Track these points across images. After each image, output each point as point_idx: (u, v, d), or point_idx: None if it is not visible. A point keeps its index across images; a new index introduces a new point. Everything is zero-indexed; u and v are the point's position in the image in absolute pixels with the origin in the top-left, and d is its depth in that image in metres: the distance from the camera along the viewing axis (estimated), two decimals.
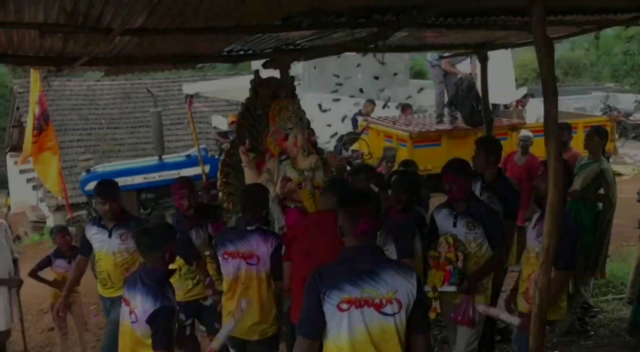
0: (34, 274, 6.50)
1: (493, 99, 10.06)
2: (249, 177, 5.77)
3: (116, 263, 5.21)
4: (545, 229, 3.38)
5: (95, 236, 5.27)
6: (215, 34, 4.82)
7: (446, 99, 10.37)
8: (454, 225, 4.61)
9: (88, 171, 10.26)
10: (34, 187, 17.53)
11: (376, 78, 6.77)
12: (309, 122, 6.23)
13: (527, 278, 4.32)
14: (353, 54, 13.72)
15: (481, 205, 4.75)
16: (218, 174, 6.25)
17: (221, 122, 12.47)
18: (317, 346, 3.00)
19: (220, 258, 4.62)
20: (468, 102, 9.41)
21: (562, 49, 31.95)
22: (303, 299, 3.06)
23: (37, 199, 17.34)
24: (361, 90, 11.84)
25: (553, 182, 3.32)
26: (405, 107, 13.16)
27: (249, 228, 4.55)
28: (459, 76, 9.82)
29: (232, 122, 11.17)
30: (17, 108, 18.69)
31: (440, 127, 10.32)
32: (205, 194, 6.61)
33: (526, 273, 4.38)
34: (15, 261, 6.23)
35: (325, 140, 12.68)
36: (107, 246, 5.21)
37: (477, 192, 5.23)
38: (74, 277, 5.61)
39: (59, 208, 15.53)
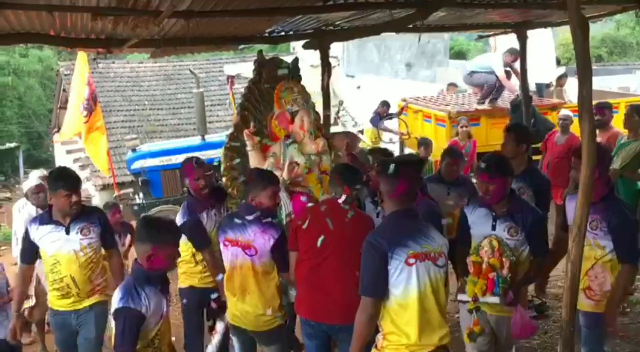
0: None
1: (536, 78, 10.03)
2: (254, 161, 5.55)
3: (80, 264, 4.43)
4: (578, 202, 3.47)
5: (48, 236, 4.42)
6: (258, 16, 4.97)
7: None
8: (493, 228, 4.07)
9: (134, 150, 10.57)
10: (81, 167, 18.06)
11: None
12: (314, 105, 6.02)
13: (586, 273, 4.06)
14: (392, 34, 13.73)
15: (524, 206, 4.16)
16: (222, 158, 5.97)
17: None
18: (381, 306, 3.22)
19: (221, 244, 4.48)
20: (512, 121, 9.44)
21: (607, 28, 31.25)
22: (362, 264, 3.23)
23: (84, 178, 17.85)
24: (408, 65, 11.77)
25: (586, 160, 3.40)
26: (450, 85, 13.11)
27: (247, 217, 4.34)
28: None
29: None
30: (64, 90, 19.16)
31: (480, 107, 10.31)
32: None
33: (584, 267, 3.91)
34: None
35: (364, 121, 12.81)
36: (67, 245, 4.40)
37: None
38: (21, 291, 4.70)
39: (104, 187, 16.00)
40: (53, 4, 4.17)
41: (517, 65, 8.88)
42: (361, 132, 11.70)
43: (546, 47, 11.09)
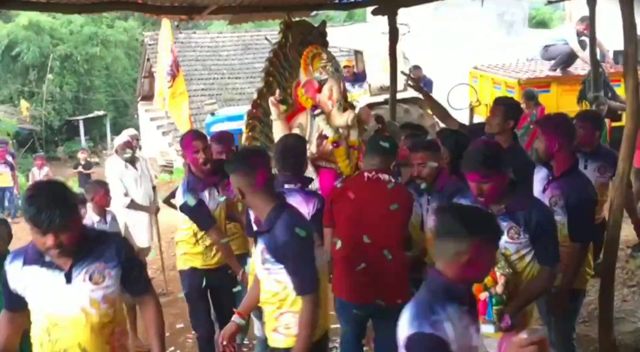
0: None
1: (613, 45, 9.92)
2: (278, 131, 5.12)
3: (93, 326, 2.84)
4: (621, 153, 3.69)
5: (38, 285, 2.79)
6: None
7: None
8: None
9: (212, 114, 11.13)
10: (163, 134, 18.96)
11: None
12: (343, 74, 5.72)
13: None
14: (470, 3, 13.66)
15: (528, 201, 3.36)
16: (243, 127, 5.59)
17: None
18: None
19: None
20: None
21: None
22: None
23: (167, 144, 18.73)
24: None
25: (630, 113, 3.62)
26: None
27: (287, 186, 3.88)
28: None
29: (345, 67, 11.67)
30: (148, 59, 20.05)
31: (551, 73, 10.30)
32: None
33: None
34: (154, 189, 7.17)
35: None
36: (69, 301, 2.78)
37: None
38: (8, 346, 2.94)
39: None
40: None
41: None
42: None
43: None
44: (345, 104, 5.25)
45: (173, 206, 7.39)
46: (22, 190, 14.29)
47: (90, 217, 5.69)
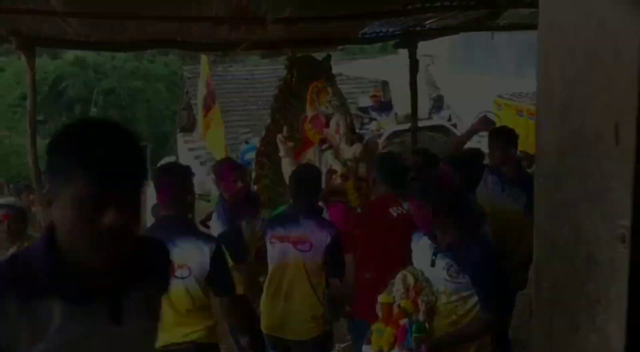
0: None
1: None
2: (287, 168, 5.14)
3: None
4: None
5: (57, 331, 1.45)
6: (346, 21, 5.76)
7: None
8: (432, 264, 3.10)
9: (247, 142, 11.66)
10: (201, 163, 19.57)
11: None
12: (349, 107, 5.61)
13: None
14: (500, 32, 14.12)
15: (474, 237, 3.12)
16: (253, 164, 5.56)
17: (365, 101, 13.53)
18: None
19: (267, 243, 4.04)
20: None
21: None
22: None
23: (205, 173, 19.31)
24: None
25: None
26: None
27: (302, 214, 3.95)
28: None
29: (372, 96, 12.15)
30: (187, 92, 20.79)
31: None
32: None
33: None
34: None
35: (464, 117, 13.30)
36: None
37: (497, 189, 4.51)
38: None
39: None
40: (183, 16, 5.19)
41: None
42: (454, 125, 12.24)
43: None
44: (353, 137, 5.29)
45: (207, 227, 7.90)
46: None
47: None
